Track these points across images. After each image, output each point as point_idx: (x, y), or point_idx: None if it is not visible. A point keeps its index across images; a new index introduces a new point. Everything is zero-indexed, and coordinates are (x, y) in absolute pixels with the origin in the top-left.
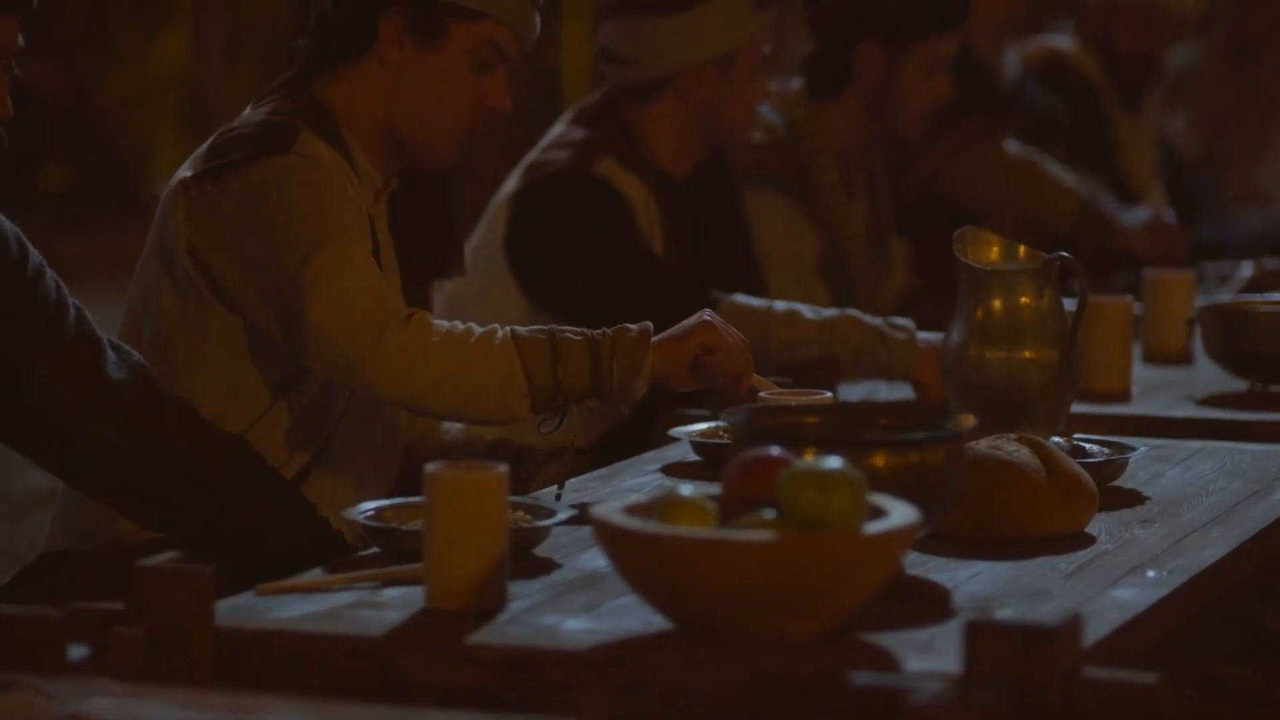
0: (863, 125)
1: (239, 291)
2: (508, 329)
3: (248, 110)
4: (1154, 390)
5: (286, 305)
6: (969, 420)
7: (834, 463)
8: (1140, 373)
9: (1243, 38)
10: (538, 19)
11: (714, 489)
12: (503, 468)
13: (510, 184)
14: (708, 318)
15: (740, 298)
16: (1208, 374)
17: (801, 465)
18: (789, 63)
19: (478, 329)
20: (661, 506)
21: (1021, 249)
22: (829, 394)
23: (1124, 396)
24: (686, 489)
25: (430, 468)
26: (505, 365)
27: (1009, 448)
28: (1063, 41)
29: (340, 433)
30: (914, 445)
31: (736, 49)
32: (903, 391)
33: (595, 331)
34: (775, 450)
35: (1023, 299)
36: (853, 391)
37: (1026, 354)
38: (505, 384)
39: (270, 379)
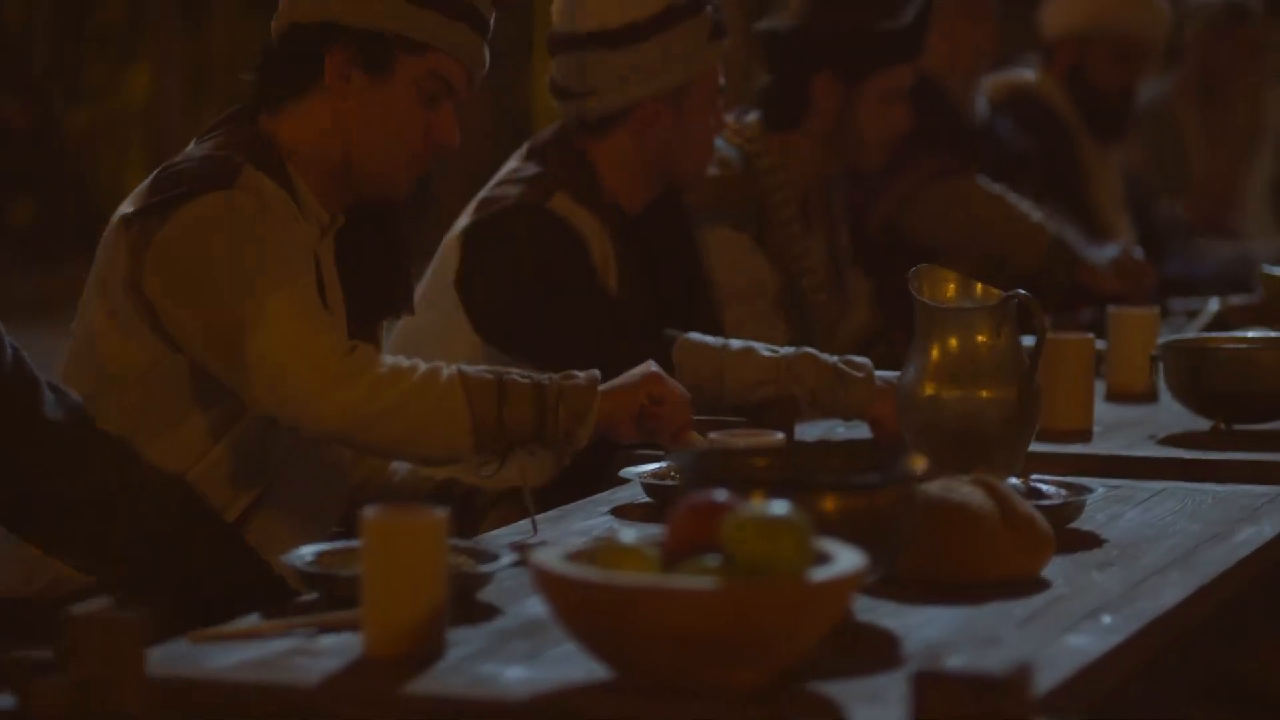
0: (821, 158)
1: (180, 328)
2: (455, 367)
3: (192, 145)
4: (1116, 429)
5: (227, 341)
6: (921, 462)
7: (779, 508)
8: (1103, 411)
9: (1211, 73)
10: (486, 52)
11: (657, 534)
12: (441, 511)
13: (462, 220)
14: (654, 369)
15: (695, 336)
16: (1171, 412)
17: (746, 510)
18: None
19: (423, 365)
20: (602, 553)
21: (978, 286)
22: (781, 435)
23: (1085, 435)
24: (628, 534)
25: (367, 512)
26: (450, 404)
27: (962, 490)
28: (1029, 75)
29: (285, 473)
30: (864, 488)
31: (690, 82)
32: (861, 431)
33: (543, 376)
34: (720, 495)
35: (979, 337)
36: (811, 430)
37: (983, 393)
38: (449, 423)
39: (213, 418)
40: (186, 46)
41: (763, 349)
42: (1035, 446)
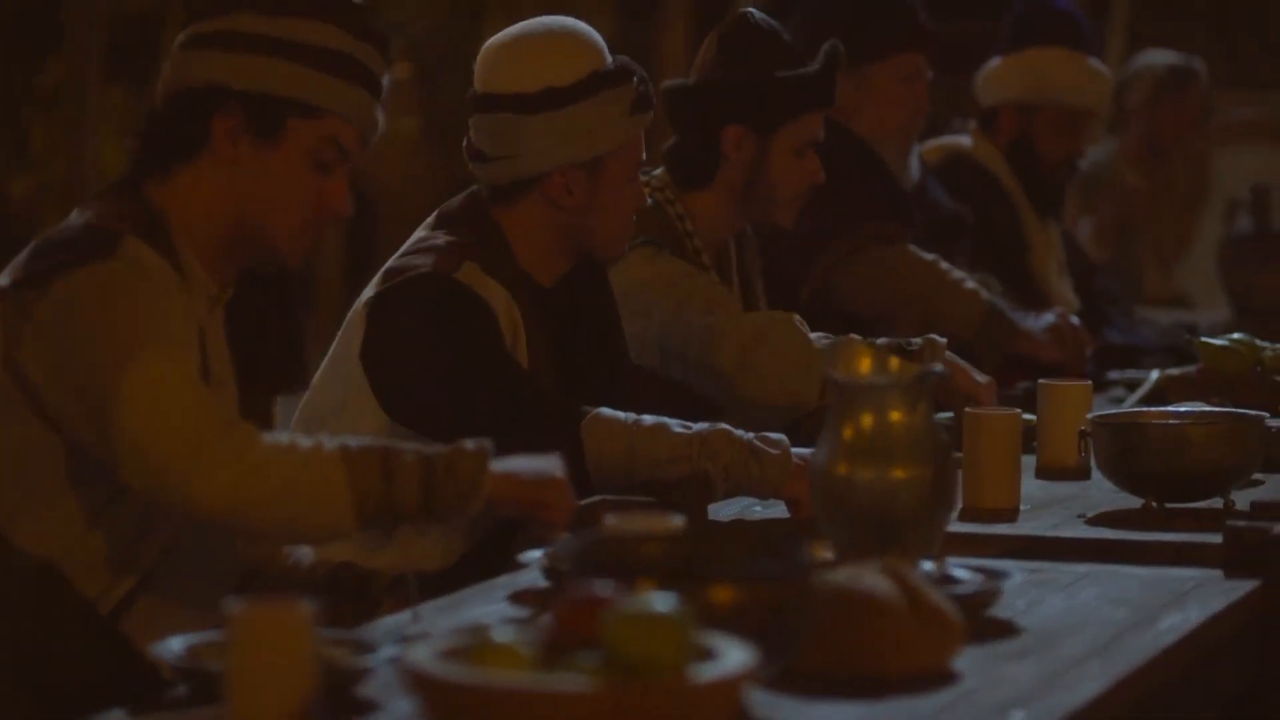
0: (733, 214)
1: (55, 404)
2: (339, 441)
3: (74, 214)
4: (1045, 507)
5: (102, 418)
6: (823, 550)
7: (662, 602)
8: (1032, 488)
9: (1156, 137)
10: (379, 114)
11: (537, 629)
12: (307, 603)
13: (368, 290)
14: (559, 475)
15: (605, 412)
16: (1103, 490)
17: (627, 605)
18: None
19: (305, 443)
20: (475, 650)
21: (894, 361)
22: (680, 518)
23: (1011, 514)
24: (503, 630)
25: (230, 604)
26: (331, 483)
27: (869, 578)
28: (965, 140)
29: (169, 557)
30: (760, 579)
31: (607, 153)
32: (778, 510)
33: (431, 449)
34: (601, 587)
35: (893, 415)
36: (726, 510)
37: (897, 473)
38: (330, 502)
39: (91, 499)
40: (131, 112)
41: (675, 425)
42: (958, 527)
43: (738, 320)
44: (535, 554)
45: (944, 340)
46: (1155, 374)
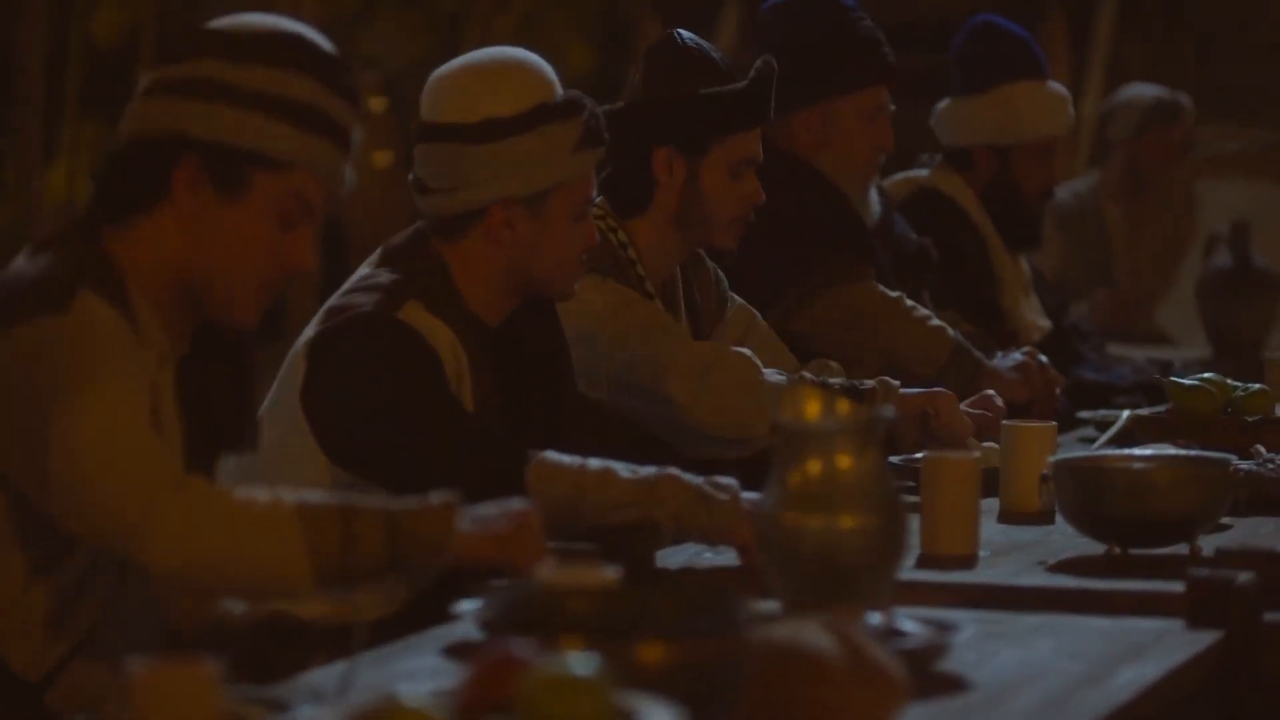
0: (673, 240)
1: (6, 459)
2: (298, 498)
3: (24, 256)
4: (1005, 553)
5: (53, 471)
6: (758, 605)
7: (581, 663)
8: (993, 533)
9: (1140, 170)
10: (348, 170)
11: (450, 690)
12: (211, 661)
13: (309, 330)
14: (530, 520)
15: (551, 455)
16: (1066, 535)
17: (543, 667)
18: None
19: (262, 497)
20: (381, 714)
21: (843, 405)
22: (616, 570)
23: (970, 561)
24: (412, 693)
25: (132, 663)
26: (288, 542)
27: (808, 633)
28: (930, 174)
29: (105, 618)
30: (694, 635)
31: (551, 189)
32: (728, 557)
33: (395, 504)
34: (519, 647)
35: (842, 461)
36: (675, 556)
37: (845, 522)
38: (287, 563)
39: (34, 555)
40: (98, 144)
41: (623, 469)
42: (912, 575)
43: (688, 348)
44: (470, 605)
45: (896, 383)
46: (1126, 414)
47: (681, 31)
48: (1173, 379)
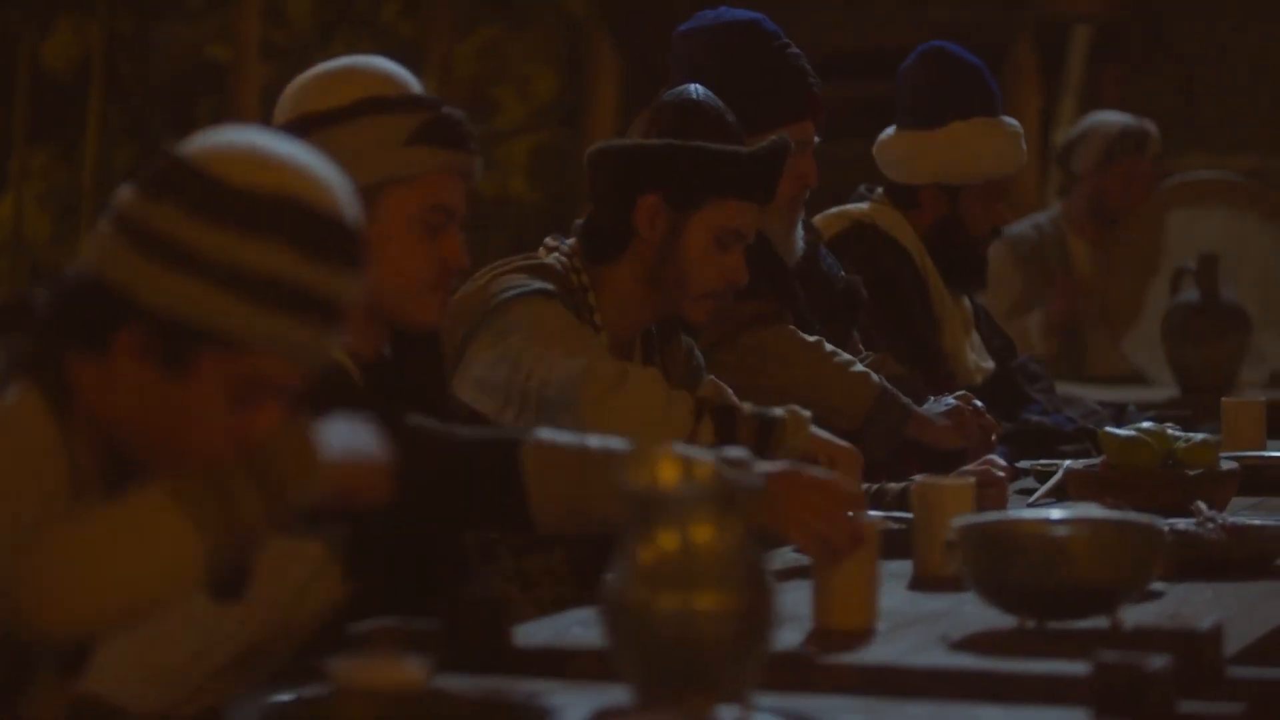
0: (640, 297)
1: None
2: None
3: None
4: (907, 627)
5: None
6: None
7: None
8: (900, 602)
9: (1107, 200)
10: (334, 338)
11: None
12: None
13: None
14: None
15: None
16: (981, 605)
17: None
18: None
19: (118, 503)
20: None
21: (700, 468)
22: (423, 666)
23: (865, 637)
24: None
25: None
26: (166, 524)
27: None
28: (868, 208)
29: None
30: None
31: (375, 185)
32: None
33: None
34: None
35: (699, 533)
36: (538, 632)
37: (703, 602)
38: (173, 544)
39: None
40: (55, 175)
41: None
42: (795, 653)
43: (605, 362)
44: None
45: (807, 413)
46: (1066, 465)
47: (697, 86)
48: (1108, 429)
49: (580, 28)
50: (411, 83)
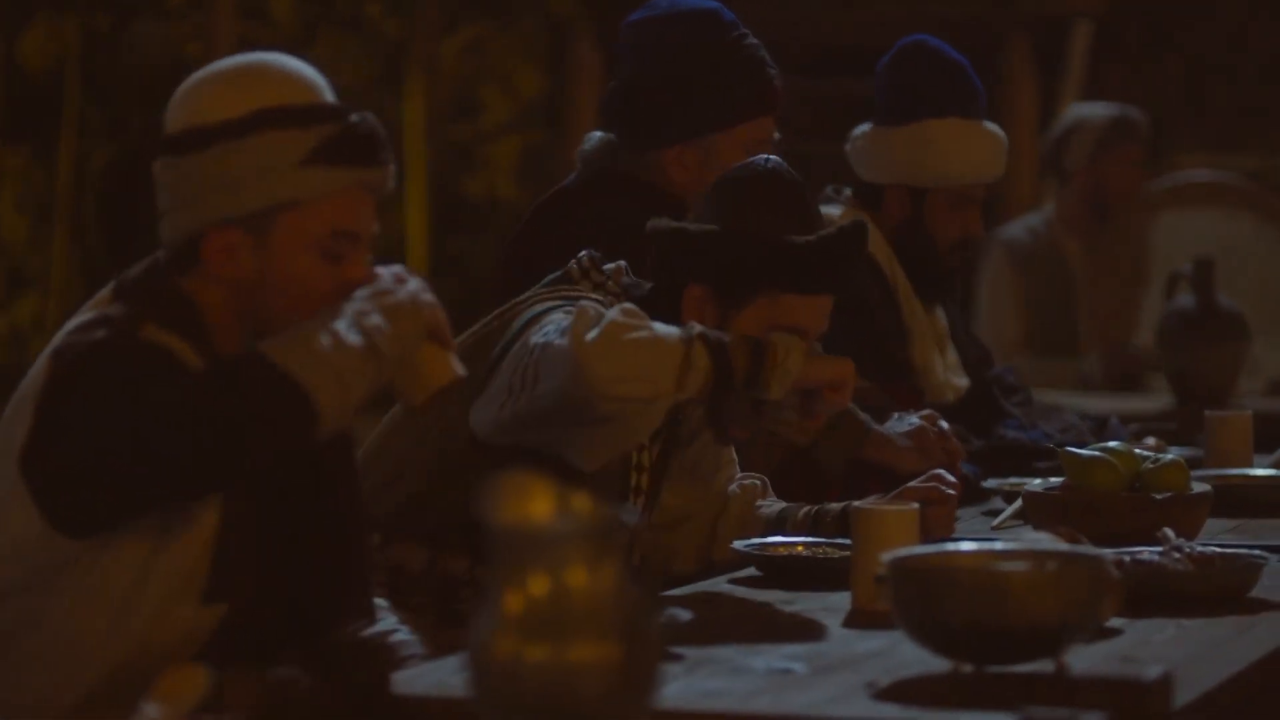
0: None
1: None
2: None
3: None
4: (834, 670)
5: None
6: None
7: None
8: (833, 641)
9: (1103, 193)
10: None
11: None
12: None
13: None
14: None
15: None
16: (913, 646)
17: None
18: None
19: None
20: None
21: (579, 501)
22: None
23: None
24: None
25: None
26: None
27: None
28: (835, 212)
29: None
30: None
31: (269, 209)
32: None
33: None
34: None
35: (574, 575)
36: (418, 681)
37: (578, 653)
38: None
39: None
40: (32, 175)
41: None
42: (697, 704)
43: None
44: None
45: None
46: (1036, 483)
47: (768, 158)
48: (1069, 449)
49: (566, 26)
50: (315, 86)
